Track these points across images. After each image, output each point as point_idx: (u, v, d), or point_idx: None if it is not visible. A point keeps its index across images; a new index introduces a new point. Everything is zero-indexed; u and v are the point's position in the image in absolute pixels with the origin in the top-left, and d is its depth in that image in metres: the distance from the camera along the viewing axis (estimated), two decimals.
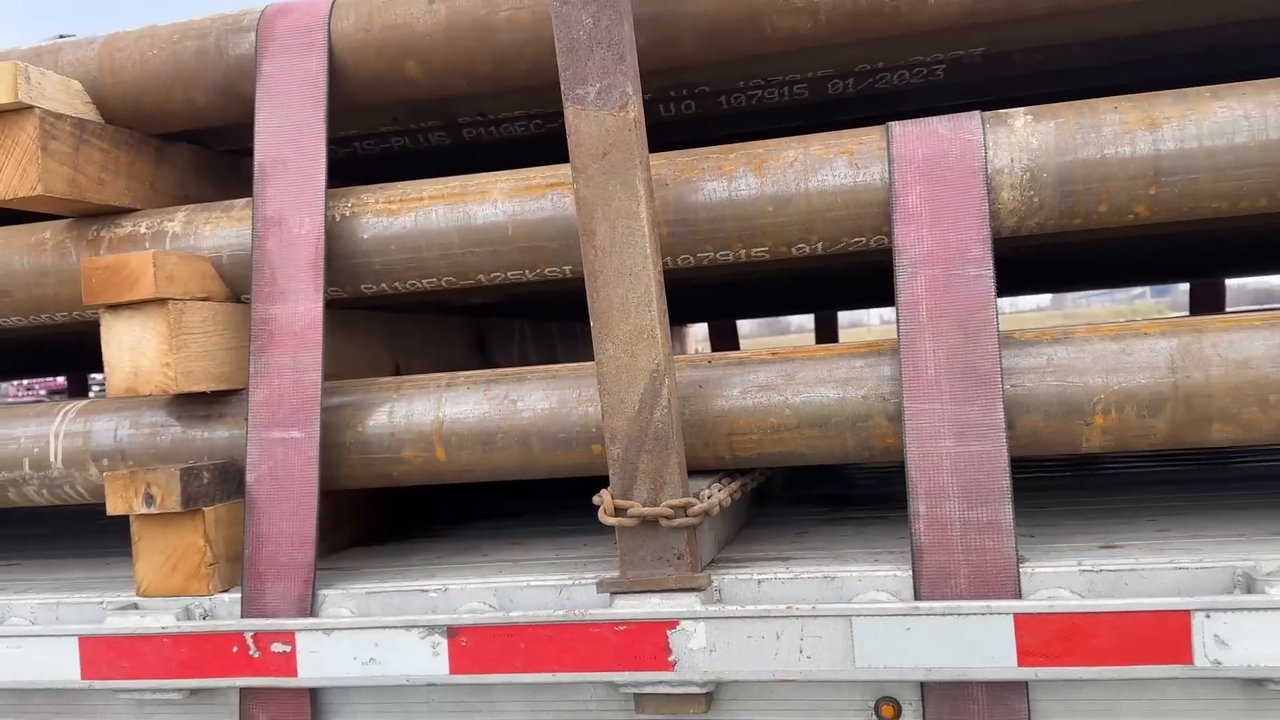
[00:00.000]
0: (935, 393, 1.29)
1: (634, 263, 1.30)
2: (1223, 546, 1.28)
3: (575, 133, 1.29)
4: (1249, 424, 1.27)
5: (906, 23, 1.39)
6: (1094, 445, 1.31)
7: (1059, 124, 1.33)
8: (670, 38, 1.44)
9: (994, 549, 1.24)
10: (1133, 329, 1.33)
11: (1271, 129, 1.27)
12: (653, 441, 1.31)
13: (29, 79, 1.49)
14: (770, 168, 1.43)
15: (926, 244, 1.33)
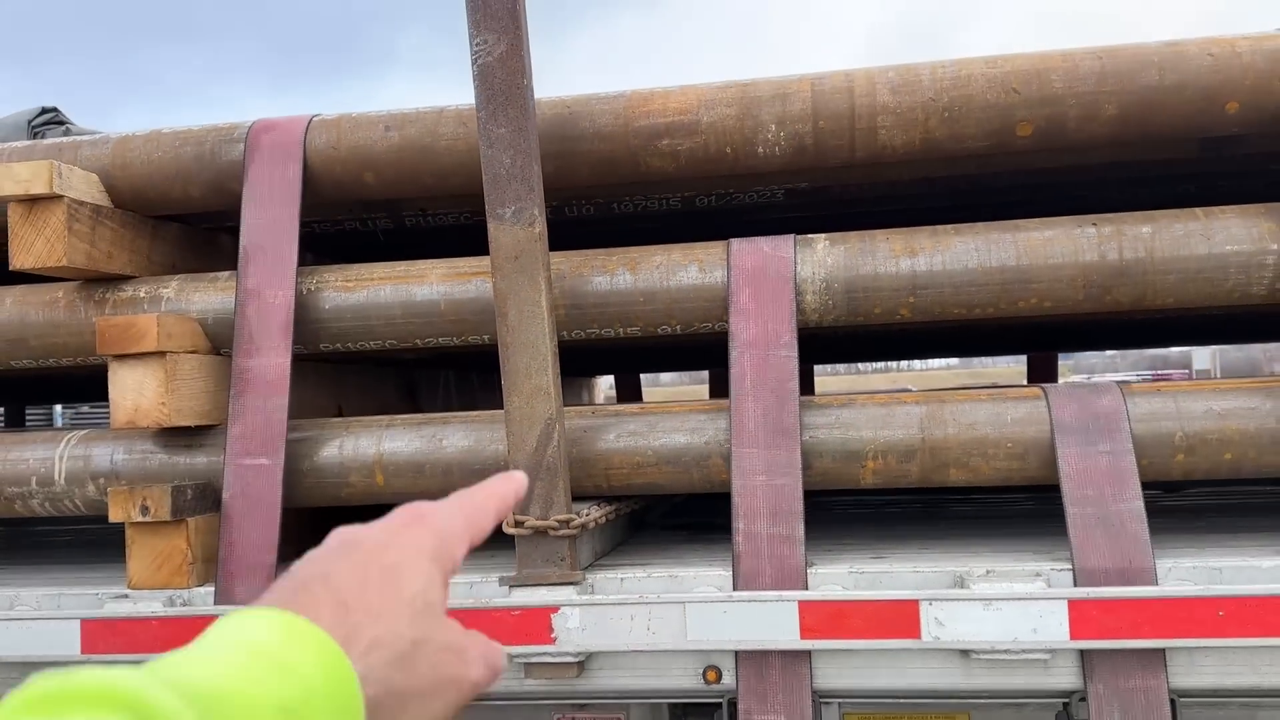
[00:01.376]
0: (754, 440, 1.76)
1: (535, 338, 1.74)
2: (951, 558, 1.76)
3: (495, 241, 1.74)
4: (976, 470, 1.76)
5: (744, 167, 1.87)
6: (868, 482, 1.79)
7: (847, 247, 1.82)
8: (570, 169, 1.90)
9: (790, 555, 1.70)
10: (897, 399, 1.81)
11: (993, 258, 1.78)
12: (545, 472, 1.75)
13: (60, 174, 1.88)
14: (642, 268, 1.89)
15: (751, 331, 1.81)
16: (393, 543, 0.56)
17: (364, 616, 0.51)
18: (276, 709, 0.44)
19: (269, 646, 0.46)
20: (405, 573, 0.54)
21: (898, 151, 1.83)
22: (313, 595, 0.51)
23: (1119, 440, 1.70)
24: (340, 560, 0.53)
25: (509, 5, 1.67)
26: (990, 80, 1.77)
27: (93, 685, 0.40)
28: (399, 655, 0.51)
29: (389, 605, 0.52)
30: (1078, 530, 1.65)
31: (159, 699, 0.40)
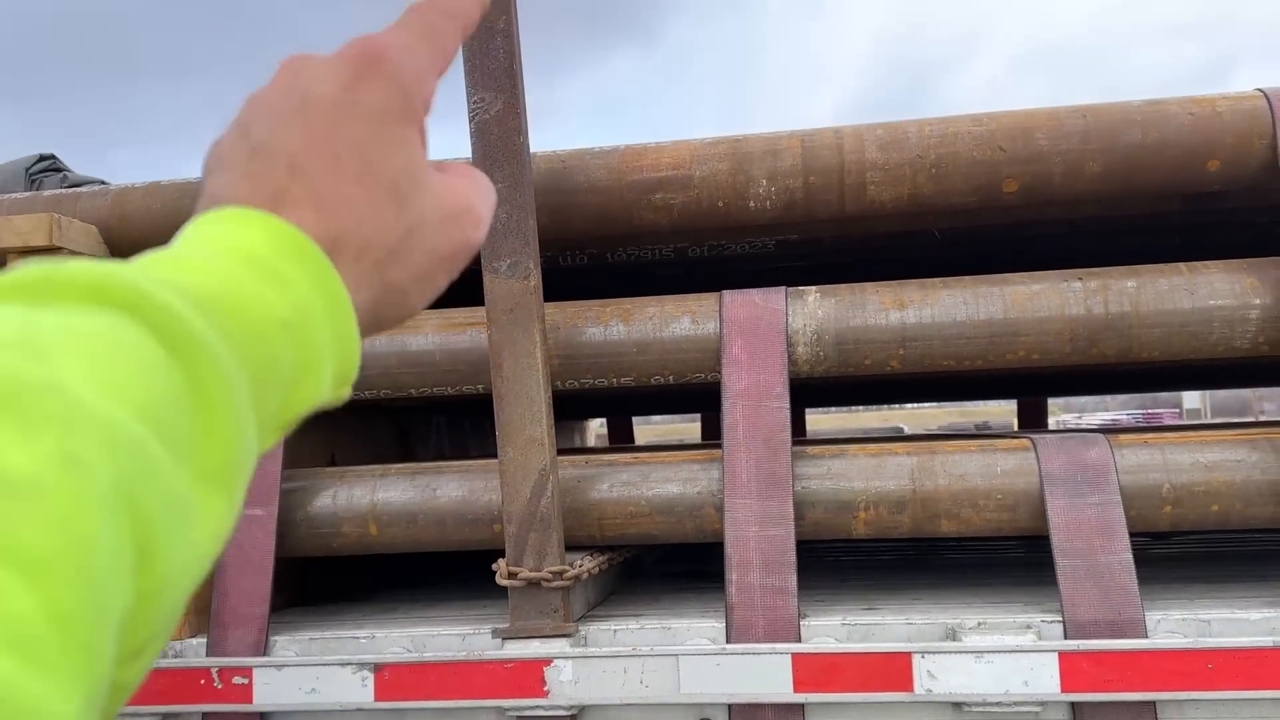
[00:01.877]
0: (747, 491, 1.77)
1: (530, 389, 1.76)
2: (943, 609, 1.77)
3: (490, 293, 1.76)
4: (967, 521, 1.78)
5: (735, 220, 1.90)
6: (860, 533, 1.80)
7: (838, 300, 1.84)
8: (565, 222, 1.93)
9: (782, 606, 1.71)
10: (889, 449, 1.83)
11: (980, 311, 1.81)
12: (539, 523, 1.75)
13: (60, 227, 1.90)
14: (635, 319, 1.91)
15: (744, 382, 1.83)
16: (354, 109, 0.46)
17: (347, 218, 0.45)
18: (278, 322, 0.40)
19: (261, 255, 0.41)
20: (378, 148, 0.46)
21: (886, 206, 1.86)
22: (287, 193, 0.44)
23: (1107, 492, 1.72)
24: (297, 132, 0.45)
25: (506, 64, 1.71)
26: (976, 138, 1.81)
27: (85, 275, 0.34)
28: (391, 252, 0.46)
29: (371, 197, 0.45)
30: (1067, 582, 1.66)
31: (163, 297, 0.35)
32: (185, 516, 0.34)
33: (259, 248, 0.41)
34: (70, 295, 0.34)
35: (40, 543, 0.28)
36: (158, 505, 0.32)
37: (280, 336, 0.40)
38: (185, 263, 0.40)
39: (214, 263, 0.40)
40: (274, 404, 0.41)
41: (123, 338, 0.34)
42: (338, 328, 0.43)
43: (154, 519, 0.32)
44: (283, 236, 0.42)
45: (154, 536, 0.32)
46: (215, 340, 0.37)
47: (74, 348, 0.32)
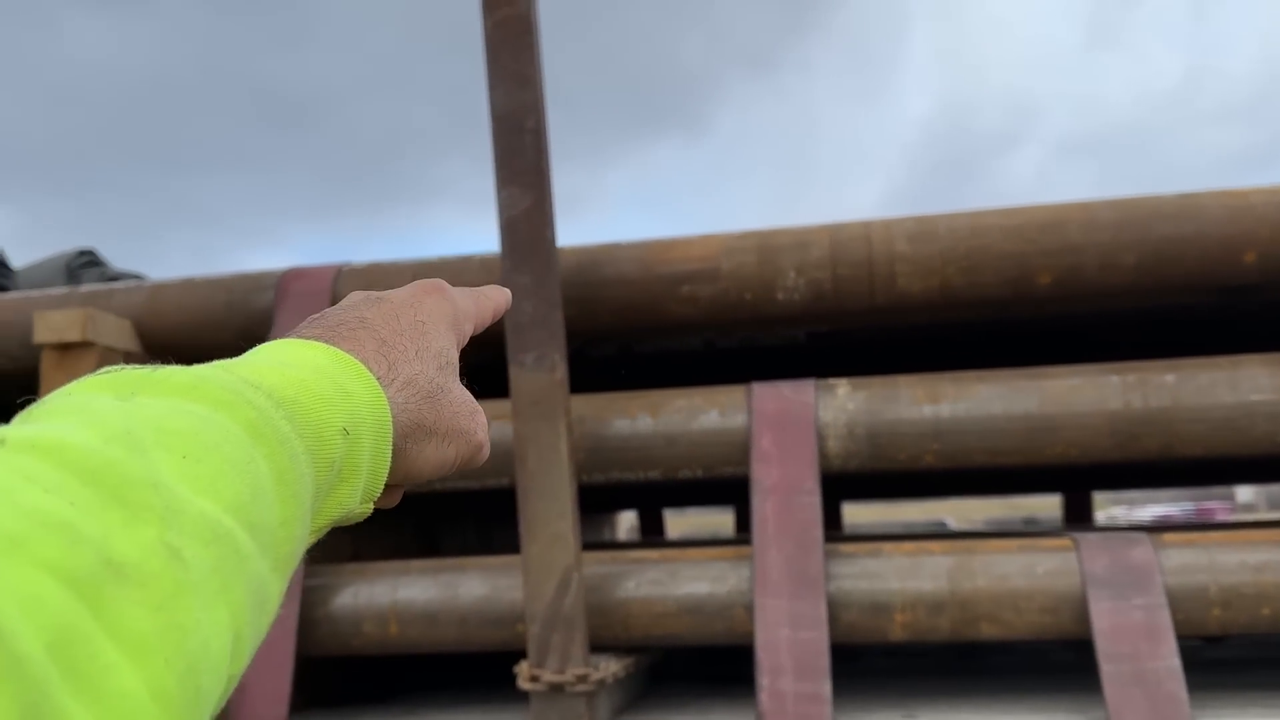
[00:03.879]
0: (778, 591, 1.72)
1: (555, 484, 1.73)
2: (986, 716, 1.69)
3: (516, 387, 1.75)
4: (1008, 624, 1.71)
5: (763, 312, 1.89)
6: (898, 637, 1.74)
7: (869, 393, 1.81)
8: (591, 314, 1.92)
9: (817, 715, 1.64)
10: (925, 547, 1.77)
11: (1016, 404, 1.77)
12: (563, 623, 1.71)
13: (94, 322, 1.92)
14: (663, 412, 1.89)
15: (774, 477, 1.79)
16: (418, 303, 0.57)
17: (399, 356, 0.53)
18: (338, 429, 0.45)
19: (328, 369, 0.47)
20: (430, 329, 0.56)
21: (917, 298, 1.84)
22: (354, 333, 0.52)
23: (1152, 594, 1.65)
24: (371, 309, 0.55)
25: (535, 163, 1.72)
26: (1007, 231, 1.80)
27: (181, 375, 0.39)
28: (427, 394, 0.53)
29: (419, 353, 0.54)
30: (1113, 689, 1.58)
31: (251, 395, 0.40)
32: (265, 604, 0.38)
33: (324, 363, 0.47)
34: (167, 391, 0.38)
35: (145, 625, 0.30)
36: (246, 594, 0.35)
37: (339, 442, 0.45)
38: (261, 367, 0.45)
39: (287, 370, 0.45)
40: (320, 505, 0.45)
41: (215, 432, 0.37)
42: (379, 444, 0.48)
43: (243, 607, 0.35)
44: (341, 358, 0.49)
45: (243, 623, 0.35)
46: (295, 438, 0.41)
47: (170, 443, 0.35)
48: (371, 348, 0.52)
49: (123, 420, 0.34)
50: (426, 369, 0.54)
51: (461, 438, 0.57)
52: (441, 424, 0.55)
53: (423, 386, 0.54)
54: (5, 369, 2.16)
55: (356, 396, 0.47)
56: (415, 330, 0.56)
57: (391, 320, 0.55)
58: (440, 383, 0.55)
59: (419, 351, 0.55)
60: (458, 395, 0.57)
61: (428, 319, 0.57)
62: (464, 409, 0.57)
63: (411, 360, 0.54)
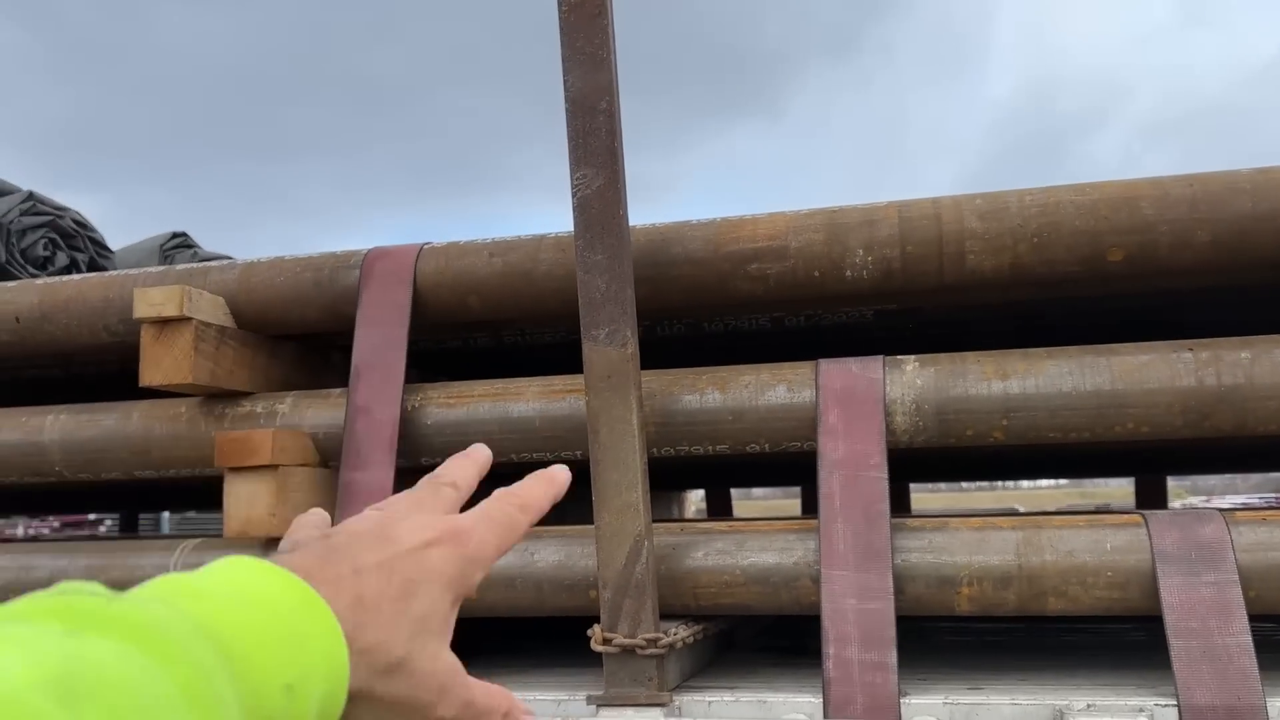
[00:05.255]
0: (844, 562, 1.75)
1: (626, 456, 1.79)
2: (1050, 690, 1.70)
3: (588, 361, 1.80)
4: (1075, 599, 1.72)
5: (831, 291, 1.91)
6: (963, 609, 1.76)
7: (937, 369, 1.83)
8: (661, 292, 1.97)
9: (882, 684, 1.67)
10: (992, 522, 1.79)
11: (1087, 381, 1.77)
12: (634, 589, 1.76)
13: (190, 298, 2.03)
14: (731, 387, 1.93)
15: (841, 452, 1.82)
16: (423, 558, 0.57)
17: (371, 620, 0.52)
18: (283, 686, 0.44)
19: (287, 613, 0.46)
20: (420, 593, 0.56)
21: (987, 275, 1.85)
22: (338, 579, 0.52)
23: (1224, 570, 1.64)
24: (371, 553, 0.55)
25: (608, 144, 1.77)
26: (1079, 207, 1.80)
27: (131, 615, 0.38)
28: (385, 666, 0.53)
29: (395, 618, 0.54)
30: (1182, 664, 1.59)
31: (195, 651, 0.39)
32: None
33: (292, 607, 0.47)
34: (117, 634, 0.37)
35: None
36: None
37: (281, 700, 0.44)
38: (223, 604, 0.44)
39: (247, 612, 0.45)
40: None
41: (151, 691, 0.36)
42: (329, 704, 0.48)
43: None
44: (312, 605, 0.48)
45: None
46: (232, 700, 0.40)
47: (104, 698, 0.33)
48: (346, 603, 0.51)
49: (62, 662, 0.33)
50: (394, 636, 0.54)
51: (416, 714, 0.56)
52: (390, 696, 0.54)
53: (383, 657, 0.53)
54: (106, 342, 2.29)
55: (314, 650, 0.47)
56: (402, 593, 0.55)
57: (383, 575, 0.54)
58: (403, 655, 0.54)
59: (394, 619, 0.54)
60: (424, 667, 0.56)
61: (423, 578, 0.56)
62: (427, 682, 0.56)
63: (382, 626, 0.53)
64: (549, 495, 0.70)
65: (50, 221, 2.89)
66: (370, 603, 0.53)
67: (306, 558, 0.53)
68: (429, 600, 0.56)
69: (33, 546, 2.32)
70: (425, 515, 0.61)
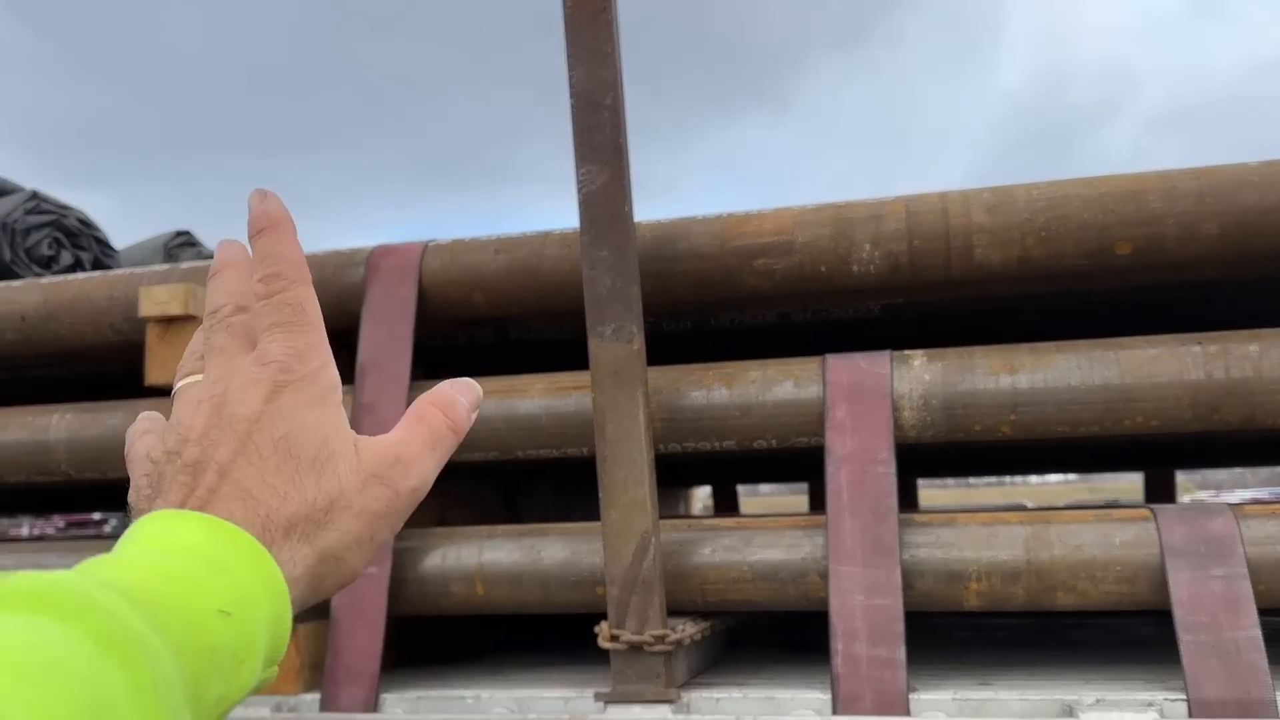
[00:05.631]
0: (852, 558, 1.75)
1: (633, 452, 1.78)
2: (1060, 686, 1.70)
3: (595, 358, 1.80)
4: (1084, 593, 1.71)
5: (838, 285, 1.91)
6: (972, 604, 1.75)
7: (945, 364, 1.82)
8: (667, 288, 1.97)
9: (890, 679, 1.67)
10: (1000, 518, 1.78)
11: (1095, 375, 1.76)
12: (641, 586, 1.76)
13: (195, 296, 2.03)
14: (738, 383, 1.92)
15: (848, 447, 1.81)
16: (277, 412, 0.53)
17: (270, 500, 0.50)
18: (215, 611, 0.43)
19: (200, 548, 0.46)
20: (299, 438, 0.52)
21: (994, 269, 1.84)
22: (216, 493, 0.50)
23: (1233, 564, 1.64)
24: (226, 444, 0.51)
25: (612, 139, 1.77)
26: (1086, 201, 1.79)
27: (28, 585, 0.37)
28: (316, 524, 0.51)
29: (291, 479, 0.51)
30: (1191, 658, 1.58)
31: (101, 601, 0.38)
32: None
33: (196, 540, 0.46)
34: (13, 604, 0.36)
35: None
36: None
37: (219, 625, 0.44)
38: (127, 563, 0.44)
39: (154, 560, 0.45)
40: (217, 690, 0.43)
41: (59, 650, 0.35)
42: (274, 608, 0.47)
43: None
44: (216, 529, 0.47)
45: None
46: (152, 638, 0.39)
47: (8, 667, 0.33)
48: (239, 507, 0.49)
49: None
50: (304, 495, 0.51)
51: (386, 515, 0.54)
52: (349, 532, 0.52)
53: (307, 517, 0.51)
54: (111, 341, 2.28)
55: (236, 570, 0.46)
56: (279, 453, 0.52)
57: (250, 455, 0.51)
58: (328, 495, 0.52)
59: (291, 477, 0.51)
60: (351, 483, 0.53)
61: (289, 423, 0.53)
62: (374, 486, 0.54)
63: (286, 497, 0.51)
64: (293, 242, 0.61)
65: (54, 220, 2.89)
66: (258, 489, 0.50)
67: (175, 492, 0.51)
68: (312, 433, 0.53)
69: (40, 546, 2.32)
70: (241, 371, 0.55)
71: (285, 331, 0.57)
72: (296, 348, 0.57)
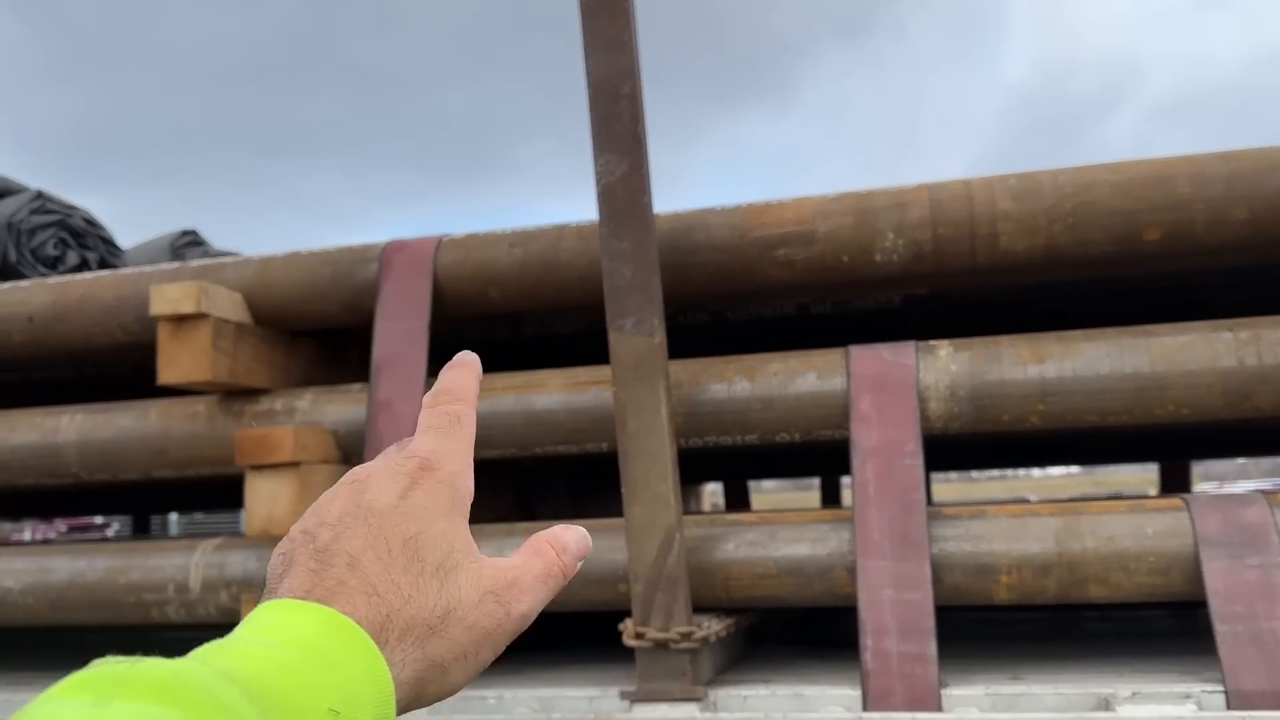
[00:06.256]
0: (880, 552, 1.72)
1: (655, 447, 1.75)
2: (1093, 679, 1.67)
3: (615, 351, 1.77)
4: (1116, 585, 1.68)
5: (860, 274, 1.88)
6: (1002, 598, 1.72)
7: (972, 354, 1.79)
8: (686, 280, 1.94)
9: (921, 674, 1.64)
10: (1030, 509, 1.76)
11: (1126, 363, 1.73)
12: (666, 582, 1.73)
13: (207, 294, 2.00)
14: (759, 375, 1.90)
15: (874, 439, 1.78)
16: (410, 510, 0.54)
17: (394, 600, 0.51)
18: (326, 710, 0.44)
19: (316, 643, 0.47)
20: (427, 542, 0.54)
21: (1020, 257, 1.81)
22: (344, 585, 0.50)
23: (1268, 553, 1.61)
24: (358, 534, 0.52)
25: (631, 129, 1.74)
26: (1114, 186, 1.76)
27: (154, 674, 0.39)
28: (431, 630, 0.52)
29: (415, 582, 0.52)
30: (1228, 650, 1.55)
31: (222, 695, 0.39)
32: None
33: (313, 634, 0.47)
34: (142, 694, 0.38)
35: None
36: None
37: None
38: (245, 652, 0.45)
39: (272, 651, 0.45)
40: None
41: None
42: (379, 710, 0.48)
43: None
44: (335, 624, 0.48)
45: None
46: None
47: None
48: (363, 602, 0.50)
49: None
50: (425, 600, 0.52)
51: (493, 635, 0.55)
52: (458, 645, 0.53)
53: (424, 622, 0.51)
54: (120, 341, 2.25)
55: (349, 668, 0.46)
56: (407, 553, 0.53)
57: (380, 549, 0.52)
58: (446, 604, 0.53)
59: (415, 584, 0.52)
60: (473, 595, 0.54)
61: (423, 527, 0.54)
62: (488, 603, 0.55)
63: (409, 599, 0.51)
64: (473, 379, 0.64)
65: (60, 220, 2.86)
66: (384, 587, 0.51)
67: (303, 577, 0.51)
68: (440, 542, 0.54)
69: (50, 549, 2.29)
70: (384, 463, 0.58)
71: (435, 434, 0.59)
72: (441, 448, 0.58)
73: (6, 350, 2.31)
